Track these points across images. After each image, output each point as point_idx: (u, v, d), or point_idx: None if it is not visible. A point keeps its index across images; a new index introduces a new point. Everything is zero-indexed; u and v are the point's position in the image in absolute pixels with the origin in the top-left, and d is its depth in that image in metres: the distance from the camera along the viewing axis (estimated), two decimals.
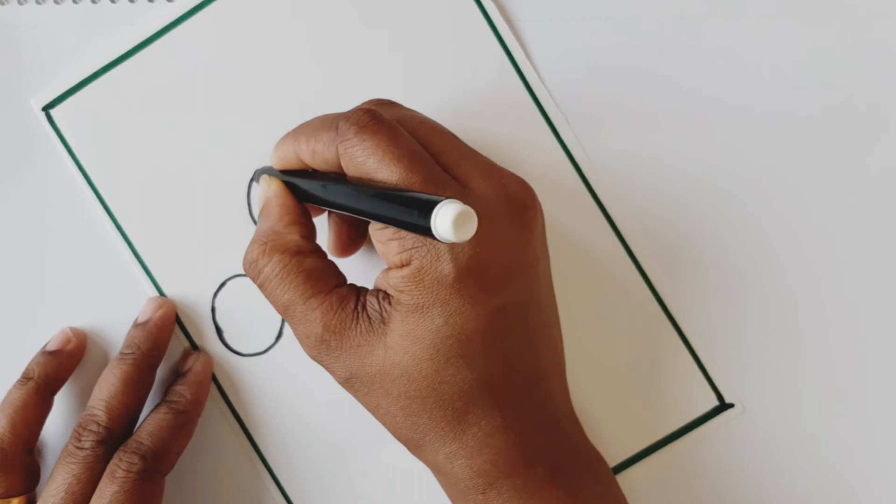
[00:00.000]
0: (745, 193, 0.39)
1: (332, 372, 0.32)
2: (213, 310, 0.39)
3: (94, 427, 0.35)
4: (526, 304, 0.31)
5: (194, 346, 0.39)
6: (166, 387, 0.38)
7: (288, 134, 0.33)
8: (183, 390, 0.37)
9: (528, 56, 0.39)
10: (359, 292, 0.31)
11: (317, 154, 0.31)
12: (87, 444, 0.35)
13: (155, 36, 0.38)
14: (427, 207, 0.26)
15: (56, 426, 0.38)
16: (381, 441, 0.39)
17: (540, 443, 0.31)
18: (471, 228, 0.25)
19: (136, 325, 0.38)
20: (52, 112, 0.38)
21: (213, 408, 0.39)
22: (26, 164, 0.38)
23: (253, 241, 0.32)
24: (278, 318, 0.39)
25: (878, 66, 0.39)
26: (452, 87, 0.39)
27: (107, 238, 0.38)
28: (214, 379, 0.39)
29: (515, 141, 0.39)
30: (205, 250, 0.39)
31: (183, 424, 0.36)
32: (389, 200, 0.28)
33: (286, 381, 0.39)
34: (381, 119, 0.30)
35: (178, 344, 0.39)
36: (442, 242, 0.27)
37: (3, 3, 0.38)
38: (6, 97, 0.38)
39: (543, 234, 0.33)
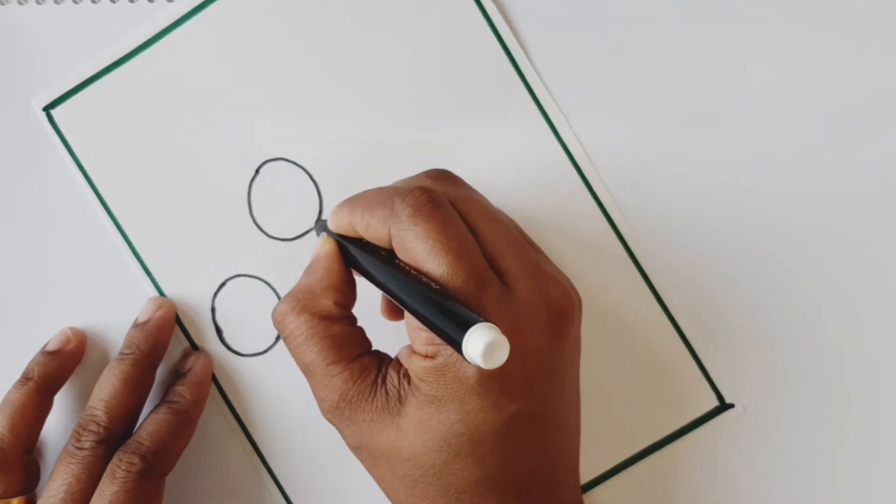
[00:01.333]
0: (745, 193, 0.39)
1: (343, 437, 0.32)
2: (212, 310, 0.39)
3: (93, 427, 0.35)
4: (544, 409, 0.31)
5: (194, 347, 0.39)
6: (166, 387, 0.38)
7: (345, 202, 0.33)
8: (183, 390, 0.37)
9: (527, 56, 0.39)
10: (381, 363, 0.31)
11: (370, 229, 0.31)
12: (87, 445, 0.35)
13: (156, 37, 0.38)
14: (462, 325, 0.25)
15: (56, 426, 0.38)
16: None
17: None
18: (501, 357, 0.25)
19: (136, 325, 0.38)
20: (53, 112, 0.38)
21: (213, 408, 0.39)
22: (27, 164, 0.38)
23: (287, 295, 0.32)
24: None
25: (879, 66, 0.39)
26: (452, 88, 0.39)
27: (107, 238, 0.38)
28: (214, 379, 0.39)
29: (515, 141, 0.39)
30: (205, 251, 0.39)
31: (183, 424, 0.36)
32: (430, 304, 0.28)
33: (286, 381, 0.39)
34: (436, 202, 0.30)
35: (178, 344, 0.39)
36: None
37: (3, 4, 0.38)
38: (7, 97, 0.38)
39: (578, 335, 0.32)
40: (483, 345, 0.25)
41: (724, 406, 0.39)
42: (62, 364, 0.37)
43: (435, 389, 0.29)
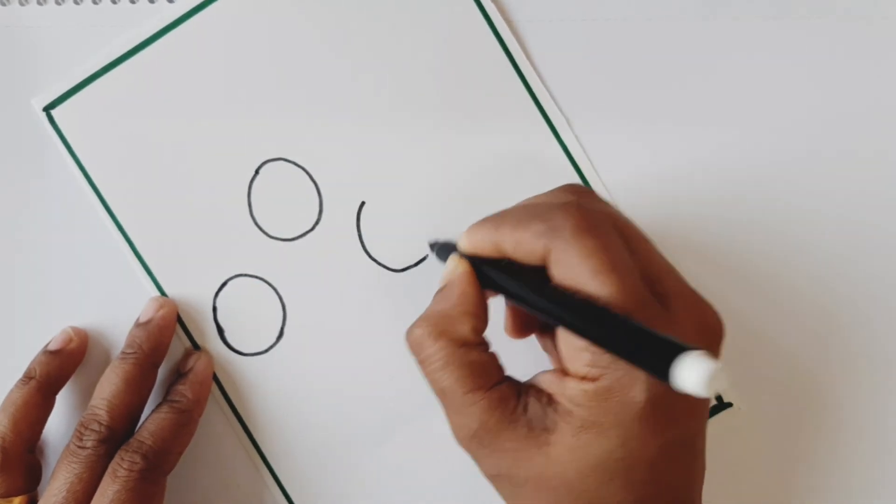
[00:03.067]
0: (744, 193, 0.39)
1: (480, 465, 0.31)
2: (214, 309, 0.39)
3: (95, 426, 0.35)
4: (696, 436, 0.31)
5: (196, 346, 0.39)
6: (168, 386, 0.38)
7: (487, 220, 0.32)
8: (184, 390, 0.37)
9: (528, 57, 0.39)
10: (519, 391, 0.30)
11: (521, 245, 0.30)
12: (89, 444, 0.35)
13: (155, 36, 0.38)
14: (670, 352, 0.24)
15: (58, 425, 0.39)
16: (383, 440, 0.39)
17: None
18: (719, 385, 0.24)
19: (138, 324, 0.38)
20: (54, 112, 0.38)
21: (215, 407, 0.39)
22: (27, 164, 0.38)
23: (422, 318, 0.31)
24: (279, 317, 0.39)
25: (879, 66, 0.39)
26: (452, 88, 0.39)
27: (108, 238, 0.38)
28: (216, 378, 0.39)
29: (515, 142, 0.39)
30: (206, 250, 0.39)
31: (184, 424, 0.36)
32: (617, 327, 0.27)
33: (287, 381, 0.39)
34: (598, 220, 0.29)
35: (179, 343, 0.39)
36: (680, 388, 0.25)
37: (4, 4, 0.38)
38: (7, 97, 0.38)
39: None
40: (706, 374, 0.23)
41: (722, 405, 0.39)
42: (64, 363, 0.37)
43: (594, 415, 0.28)
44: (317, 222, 0.39)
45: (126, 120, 0.38)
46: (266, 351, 0.39)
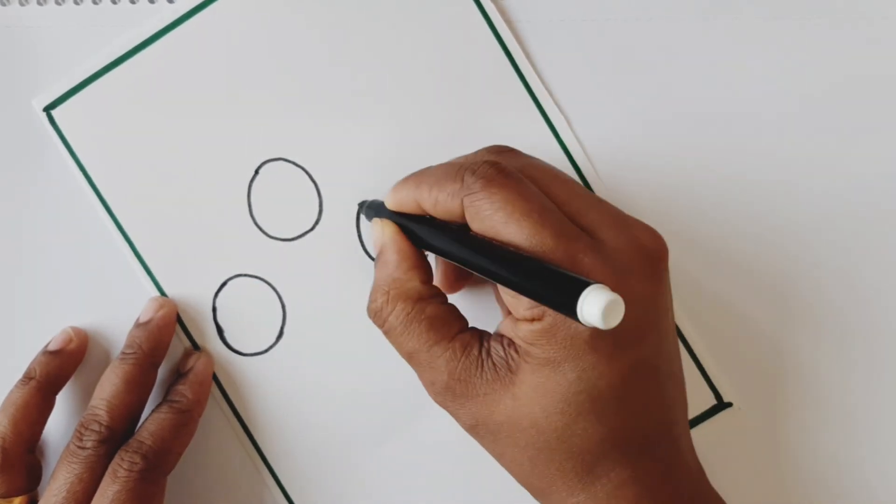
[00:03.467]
0: (744, 193, 0.39)
1: (457, 418, 0.32)
2: (214, 310, 0.39)
3: (95, 426, 0.35)
4: (657, 357, 0.31)
5: (195, 346, 0.39)
6: (167, 386, 0.38)
7: (408, 178, 0.33)
8: (184, 390, 0.37)
9: (527, 57, 0.39)
10: (482, 337, 0.31)
11: (439, 204, 0.31)
12: (89, 444, 0.35)
13: (156, 36, 0.38)
14: (571, 289, 0.25)
15: (58, 426, 0.39)
16: (383, 440, 0.39)
17: (669, 492, 0.31)
18: (617, 316, 0.25)
19: (138, 324, 0.38)
20: (54, 112, 0.38)
21: (215, 407, 0.39)
22: (28, 164, 0.38)
23: (374, 289, 0.32)
24: (279, 317, 0.39)
25: (879, 66, 0.39)
26: (452, 88, 0.39)
27: (108, 238, 0.38)
28: (215, 378, 0.39)
29: (515, 141, 0.39)
30: (206, 250, 0.39)
31: (184, 424, 0.36)
32: (527, 271, 0.27)
33: (287, 381, 0.39)
34: (507, 172, 0.30)
35: (179, 344, 0.39)
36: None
37: (4, 4, 0.38)
38: (8, 98, 0.38)
39: (669, 280, 0.32)
40: (601, 308, 0.24)
41: (722, 405, 0.39)
42: (64, 363, 0.37)
43: (547, 352, 0.29)
44: (317, 222, 0.39)
45: (126, 120, 0.38)
46: (266, 351, 0.39)
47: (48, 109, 0.38)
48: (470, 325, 0.32)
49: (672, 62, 0.39)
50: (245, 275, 0.39)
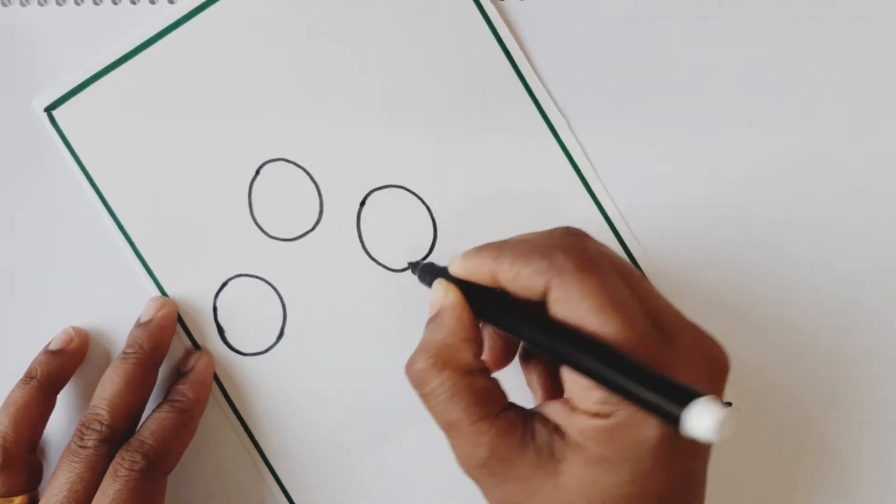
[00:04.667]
0: (744, 193, 0.39)
1: (488, 495, 0.31)
2: (214, 309, 0.39)
3: (96, 426, 0.35)
4: (702, 471, 0.31)
5: (196, 346, 0.39)
6: (168, 386, 0.38)
7: (485, 247, 0.31)
8: (185, 389, 0.37)
9: (527, 57, 0.39)
10: (525, 418, 0.30)
11: (520, 279, 0.30)
12: (90, 443, 0.35)
13: (156, 37, 0.38)
14: (680, 399, 0.24)
15: (58, 425, 0.39)
16: (383, 440, 0.39)
17: None
18: (729, 430, 0.24)
19: (139, 324, 0.38)
20: (55, 113, 0.38)
21: (215, 407, 0.39)
22: (29, 164, 0.39)
23: (422, 350, 0.31)
24: (279, 317, 0.39)
25: (879, 66, 0.39)
26: (452, 89, 0.39)
27: (109, 238, 0.38)
28: (216, 378, 0.39)
29: (515, 142, 0.39)
30: (206, 250, 0.39)
31: (185, 423, 0.36)
32: (625, 370, 0.27)
33: (287, 381, 0.39)
34: (598, 261, 0.29)
35: (179, 343, 0.39)
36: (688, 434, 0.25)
37: (5, 4, 0.38)
38: (8, 98, 0.38)
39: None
40: (716, 421, 0.24)
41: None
42: (65, 363, 0.37)
43: (605, 450, 0.28)
44: (317, 222, 0.39)
45: (127, 120, 0.38)
46: (266, 351, 0.39)
47: (49, 110, 0.38)
48: (510, 402, 0.31)
49: (672, 62, 0.39)
50: (246, 275, 0.39)
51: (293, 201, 0.39)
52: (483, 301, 0.31)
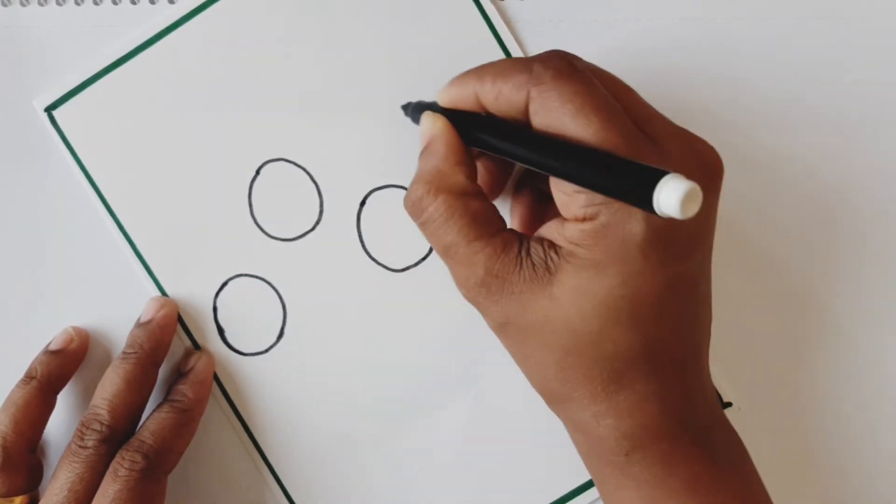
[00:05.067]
0: (744, 193, 0.39)
1: (486, 315, 0.31)
2: (214, 309, 0.39)
3: (96, 426, 0.35)
4: (699, 275, 0.31)
5: (196, 346, 0.39)
6: (168, 386, 0.38)
7: (469, 72, 0.32)
8: (185, 389, 0.37)
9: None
10: (521, 238, 0.31)
11: (502, 96, 0.30)
12: (90, 443, 0.35)
13: (157, 37, 0.38)
14: (648, 180, 0.24)
15: (59, 425, 0.39)
16: (383, 440, 0.39)
17: (689, 413, 0.31)
18: (695, 206, 0.24)
19: (139, 324, 0.38)
20: (55, 113, 0.38)
21: (215, 407, 0.39)
22: (29, 164, 0.39)
23: (416, 180, 0.31)
24: (279, 317, 0.39)
25: (879, 66, 0.39)
26: None
27: (109, 238, 0.39)
28: (216, 378, 0.39)
29: None
30: (206, 250, 0.39)
31: (185, 423, 0.36)
32: (600, 164, 0.27)
33: (288, 380, 0.39)
34: (578, 68, 0.29)
35: (179, 343, 0.39)
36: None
37: (5, 5, 0.38)
38: (9, 98, 0.38)
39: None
40: (680, 195, 0.24)
41: (722, 405, 0.39)
42: (65, 363, 0.37)
43: (594, 252, 0.28)
44: (317, 222, 0.39)
45: (127, 120, 0.38)
46: (266, 351, 0.39)
47: (49, 110, 0.38)
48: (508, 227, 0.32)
49: (671, 63, 0.39)
50: (246, 275, 0.39)
51: (293, 201, 0.39)
52: (470, 126, 0.32)
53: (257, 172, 0.39)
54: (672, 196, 0.24)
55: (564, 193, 0.29)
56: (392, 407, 0.39)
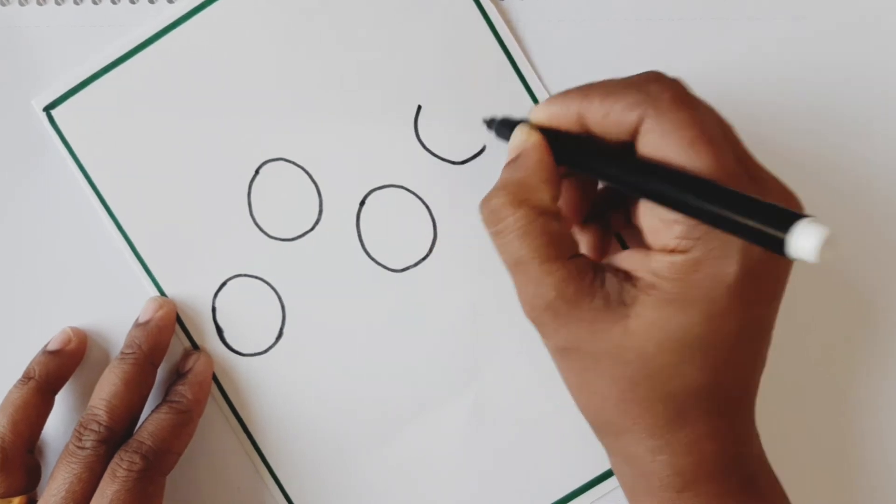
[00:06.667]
0: None
1: (548, 338, 0.30)
2: (213, 309, 0.39)
3: (95, 426, 0.35)
4: (771, 320, 0.30)
5: (195, 346, 0.39)
6: (167, 386, 0.38)
7: (573, 90, 0.31)
8: (184, 390, 0.37)
9: (527, 57, 0.39)
10: (596, 266, 0.30)
11: (610, 117, 0.29)
12: (89, 444, 0.35)
13: (156, 36, 0.38)
14: (782, 221, 0.24)
15: (57, 426, 0.39)
16: (383, 440, 0.39)
17: (742, 453, 0.31)
18: (833, 251, 0.23)
19: (137, 324, 0.38)
20: (54, 112, 0.38)
21: (214, 407, 0.39)
22: (27, 164, 0.38)
23: (499, 188, 0.30)
24: (279, 317, 0.39)
25: (880, 65, 0.39)
26: (452, 90, 0.39)
27: (108, 238, 0.38)
28: (215, 378, 0.39)
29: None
30: (205, 250, 0.39)
31: (184, 424, 0.36)
32: (724, 198, 0.26)
33: (287, 381, 0.39)
34: (694, 97, 0.28)
35: (178, 344, 0.39)
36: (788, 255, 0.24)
37: (4, 4, 0.38)
38: (8, 98, 0.38)
39: None
40: (822, 238, 0.23)
41: None
42: (63, 363, 0.37)
43: (680, 288, 0.27)
44: (317, 222, 0.39)
45: (126, 120, 0.38)
46: (265, 351, 0.39)
47: (48, 109, 0.38)
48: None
49: (670, 63, 0.39)
50: (245, 275, 0.39)
51: (293, 201, 0.39)
52: (565, 145, 0.31)
53: (256, 172, 0.39)
54: (811, 240, 0.23)
55: (661, 221, 0.28)
56: (392, 407, 0.39)
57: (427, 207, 0.39)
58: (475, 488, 0.39)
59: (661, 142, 0.28)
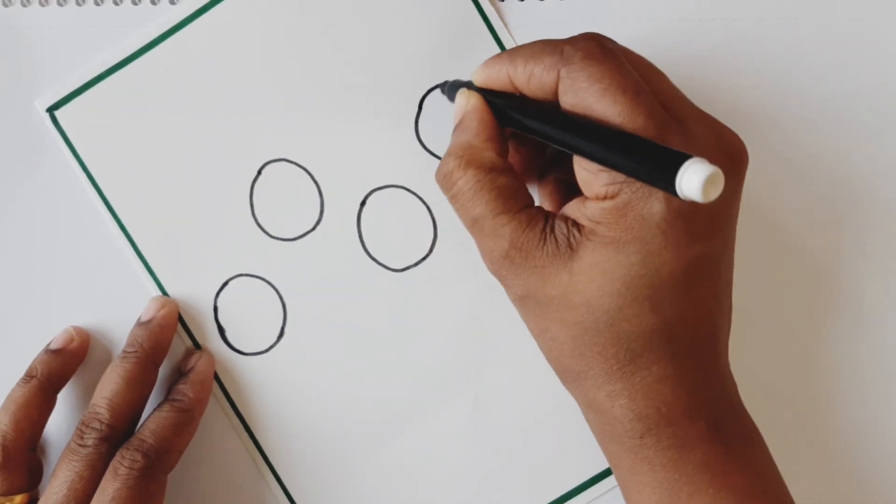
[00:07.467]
0: (746, 192, 0.39)
1: (509, 288, 0.32)
2: (215, 309, 0.39)
3: (96, 425, 0.35)
4: (721, 257, 0.31)
5: (197, 346, 0.39)
6: (169, 385, 0.38)
7: (502, 54, 0.33)
8: (185, 389, 0.37)
9: None
10: (546, 215, 0.31)
11: (534, 78, 0.31)
12: (90, 442, 0.35)
13: (159, 38, 0.38)
14: (672, 163, 0.25)
15: (59, 424, 0.39)
16: (384, 440, 0.39)
17: (705, 398, 0.31)
18: (717, 190, 0.24)
19: (139, 323, 0.38)
20: (57, 113, 0.38)
21: (216, 406, 0.39)
22: (31, 165, 0.39)
23: (448, 154, 0.32)
24: (280, 317, 0.39)
25: (880, 66, 0.39)
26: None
27: (110, 238, 0.39)
28: (217, 378, 0.39)
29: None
30: (207, 250, 0.39)
31: (185, 423, 0.36)
32: (624, 144, 0.27)
33: (288, 380, 0.39)
34: (608, 49, 0.30)
35: (180, 343, 0.39)
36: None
37: (6, 5, 0.38)
38: (11, 98, 0.38)
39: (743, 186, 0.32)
40: (702, 179, 0.24)
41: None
42: (65, 362, 0.37)
43: (614, 230, 0.29)
44: (317, 222, 0.39)
45: (129, 121, 0.38)
46: (267, 350, 0.39)
47: (51, 110, 0.38)
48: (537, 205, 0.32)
49: (672, 63, 0.39)
50: (246, 274, 0.39)
51: (294, 201, 0.39)
52: (501, 105, 0.32)
53: (259, 173, 0.39)
54: (694, 179, 0.24)
55: (588, 171, 0.30)
56: (392, 407, 0.39)
57: (427, 207, 0.39)
58: (475, 488, 0.39)
59: (577, 97, 0.29)
